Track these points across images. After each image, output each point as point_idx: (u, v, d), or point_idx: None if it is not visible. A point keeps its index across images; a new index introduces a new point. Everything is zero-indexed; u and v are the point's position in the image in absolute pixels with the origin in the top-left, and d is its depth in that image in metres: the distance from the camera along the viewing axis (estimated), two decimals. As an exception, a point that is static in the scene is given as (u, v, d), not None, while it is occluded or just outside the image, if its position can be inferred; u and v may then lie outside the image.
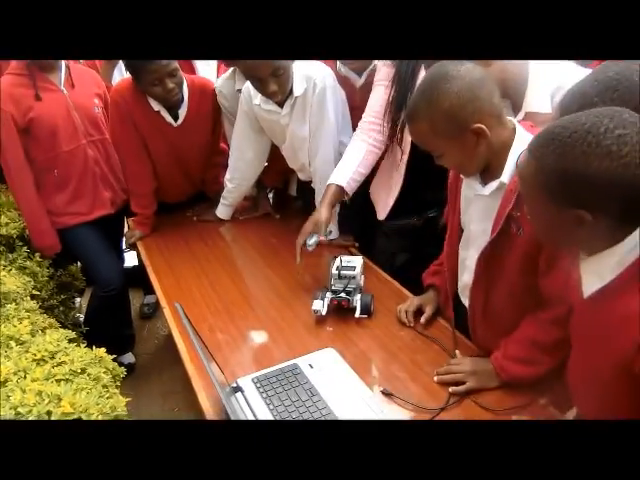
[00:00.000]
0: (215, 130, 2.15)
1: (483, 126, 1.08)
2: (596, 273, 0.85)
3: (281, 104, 1.79)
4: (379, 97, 1.67)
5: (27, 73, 1.96)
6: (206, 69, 2.37)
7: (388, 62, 1.63)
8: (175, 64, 1.85)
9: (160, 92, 1.86)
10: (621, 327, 0.78)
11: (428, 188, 1.65)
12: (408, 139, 1.62)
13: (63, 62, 2.05)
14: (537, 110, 1.32)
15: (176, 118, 1.99)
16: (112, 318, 2.24)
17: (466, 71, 1.09)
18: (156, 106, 1.94)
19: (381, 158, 1.79)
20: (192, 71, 2.39)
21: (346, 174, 1.68)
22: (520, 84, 1.33)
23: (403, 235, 1.72)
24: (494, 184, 1.15)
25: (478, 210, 1.24)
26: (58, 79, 2.03)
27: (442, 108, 1.08)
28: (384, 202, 1.79)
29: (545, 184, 0.80)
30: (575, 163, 0.75)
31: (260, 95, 1.81)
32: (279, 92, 1.69)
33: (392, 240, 1.76)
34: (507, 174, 1.13)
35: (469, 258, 1.31)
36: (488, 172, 1.18)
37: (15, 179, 2.00)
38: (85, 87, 2.10)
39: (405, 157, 1.66)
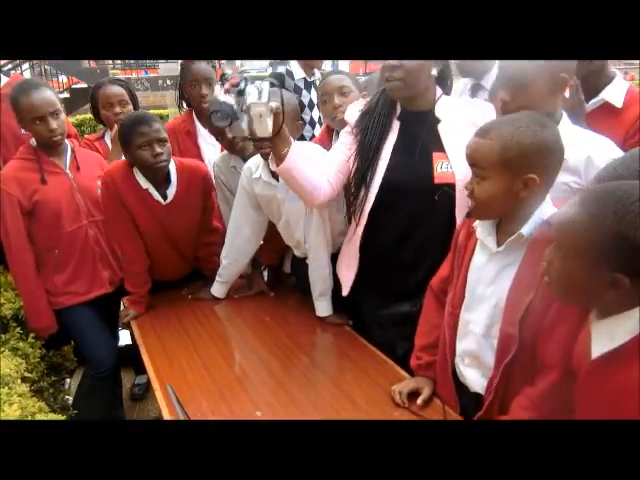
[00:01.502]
0: (206, 210, 2.20)
1: (538, 180, 1.14)
2: (609, 335, 0.86)
3: (278, 178, 1.86)
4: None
5: (34, 157, 2.05)
6: (210, 148, 2.46)
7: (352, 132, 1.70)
8: (164, 134, 1.95)
9: (148, 157, 1.92)
10: (633, 393, 0.78)
11: (399, 268, 1.68)
12: (366, 211, 1.65)
13: (69, 146, 2.14)
14: None
15: (165, 197, 2.05)
16: (102, 401, 2.18)
17: (557, 131, 1.18)
18: (144, 184, 2.01)
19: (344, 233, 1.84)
20: (197, 149, 2.48)
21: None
22: None
23: (399, 324, 1.69)
24: (512, 237, 1.19)
25: (490, 272, 1.26)
26: (64, 162, 2.11)
27: (523, 142, 1.14)
28: (346, 277, 1.81)
29: (595, 242, 0.82)
30: (636, 231, 0.78)
31: (260, 168, 1.89)
32: (267, 144, 1.73)
33: (389, 330, 1.74)
34: (528, 228, 1.16)
35: (473, 322, 1.31)
36: (504, 230, 1.23)
37: (16, 260, 2.02)
38: (89, 169, 2.17)
39: (360, 229, 1.69)
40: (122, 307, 2.31)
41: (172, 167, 2.05)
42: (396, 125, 1.67)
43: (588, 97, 1.72)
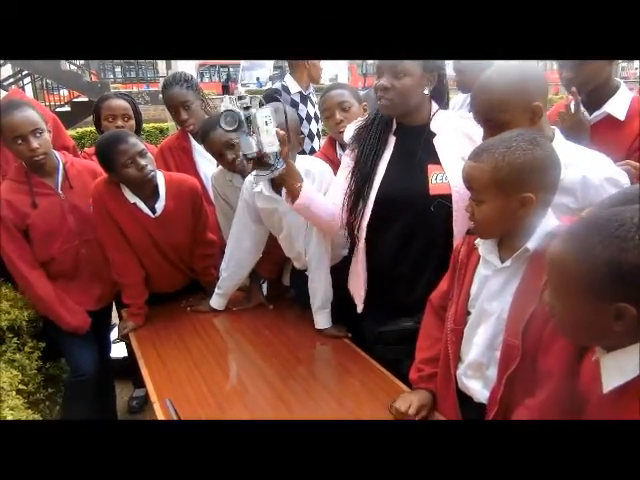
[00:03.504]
0: (199, 223, 2.19)
1: (533, 197, 1.14)
2: (619, 369, 0.85)
3: (280, 192, 1.87)
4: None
5: (25, 179, 2.03)
6: (207, 163, 2.45)
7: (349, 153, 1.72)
8: (142, 146, 1.96)
9: (134, 172, 1.92)
10: None
11: (401, 282, 1.66)
12: (364, 226, 1.66)
13: (61, 164, 2.10)
14: None
15: (154, 211, 2.05)
16: (88, 409, 2.11)
17: (550, 147, 1.18)
18: (132, 198, 2.01)
19: (352, 251, 1.82)
20: (193, 165, 2.47)
21: None
22: None
23: (403, 341, 1.64)
24: (517, 252, 1.19)
25: (494, 286, 1.26)
26: (55, 182, 2.08)
27: (514, 162, 1.14)
28: (357, 293, 1.80)
29: (588, 276, 0.80)
30: (627, 256, 0.76)
31: (262, 182, 1.89)
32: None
33: (393, 348, 1.70)
34: (534, 242, 1.17)
35: (477, 335, 1.31)
36: (507, 246, 1.23)
37: (26, 275, 2.01)
38: (83, 186, 2.12)
39: (361, 244, 1.69)
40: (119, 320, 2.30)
41: (160, 181, 2.05)
42: (392, 140, 1.69)
43: (592, 109, 1.72)
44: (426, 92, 1.63)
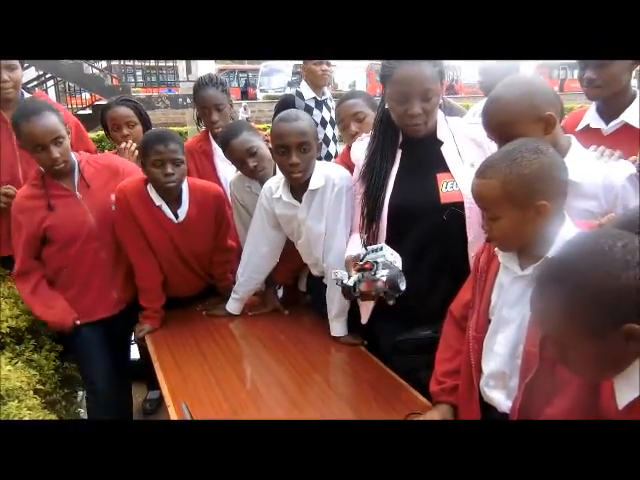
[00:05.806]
0: (220, 230, 2.19)
1: (548, 205, 1.14)
2: (630, 385, 0.86)
3: (299, 198, 1.87)
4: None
5: (40, 183, 1.99)
6: (227, 167, 2.45)
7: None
8: (180, 155, 1.95)
9: (159, 175, 1.93)
10: None
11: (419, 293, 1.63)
12: (382, 241, 1.64)
13: (76, 164, 2.04)
14: None
15: (177, 216, 2.06)
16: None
17: (554, 153, 1.19)
18: (158, 201, 2.01)
19: None
20: (213, 168, 2.48)
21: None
22: None
23: (422, 351, 1.62)
24: (539, 262, 1.17)
25: (514, 294, 1.25)
26: (72, 183, 2.03)
27: (522, 173, 1.14)
28: (365, 305, 1.78)
29: (583, 312, 0.82)
30: (603, 281, 0.79)
31: (281, 188, 1.90)
32: (299, 168, 1.78)
33: (410, 357, 1.68)
34: (555, 251, 1.14)
35: (497, 344, 1.29)
36: (527, 254, 1.22)
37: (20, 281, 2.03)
38: (101, 185, 2.08)
39: None
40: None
41: (185, 187, 2.06)
42: (398, 154, 1.68)
43: (609, 119, 1.75)
44: (440, 102, 1.63)
